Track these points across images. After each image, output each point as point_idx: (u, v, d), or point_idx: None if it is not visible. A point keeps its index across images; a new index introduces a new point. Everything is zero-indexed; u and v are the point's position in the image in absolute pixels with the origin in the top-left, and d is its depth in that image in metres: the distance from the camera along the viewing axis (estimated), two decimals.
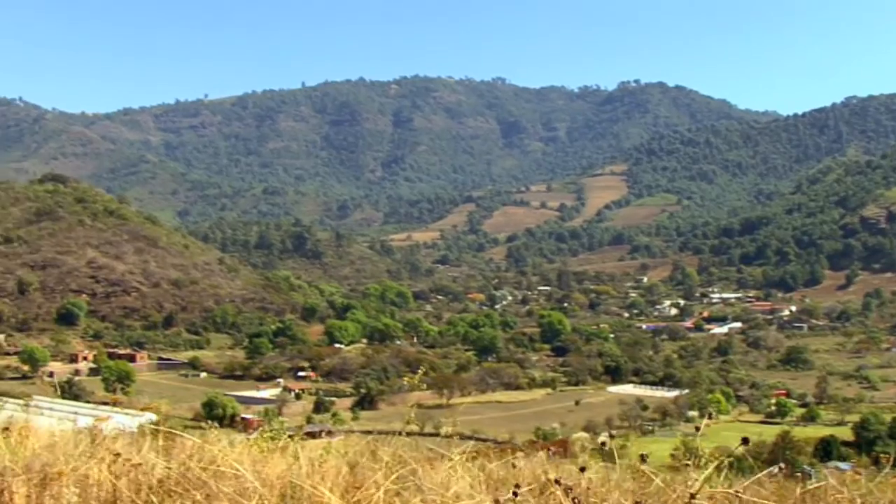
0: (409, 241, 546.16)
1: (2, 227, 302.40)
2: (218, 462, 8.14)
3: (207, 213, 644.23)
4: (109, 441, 10.02)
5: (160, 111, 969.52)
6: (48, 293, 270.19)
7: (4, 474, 7.54)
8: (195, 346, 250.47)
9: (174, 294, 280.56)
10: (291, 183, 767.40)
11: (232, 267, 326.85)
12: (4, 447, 8.89)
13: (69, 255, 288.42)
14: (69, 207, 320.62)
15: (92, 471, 7.84)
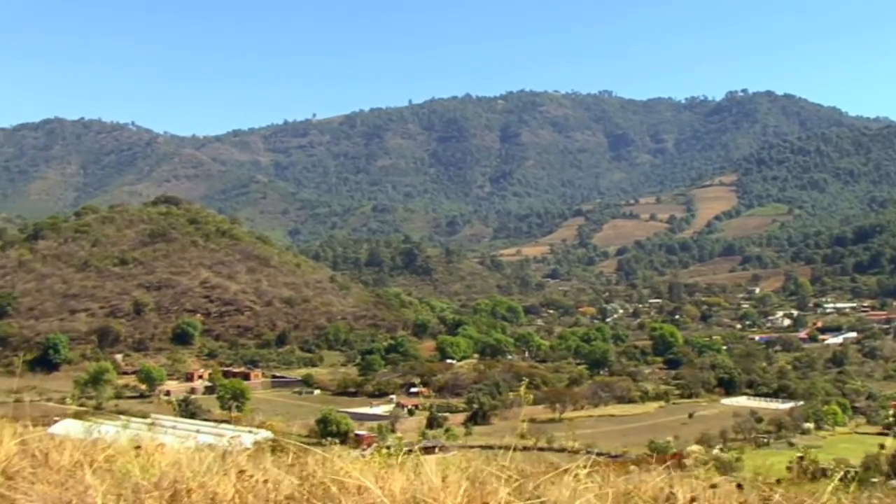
0: (518, 256, 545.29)
1: (118, 249, 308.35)
2: (341, 477, 7.89)
3: (318, 232, 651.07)
4: (236, 458, 9.83)
5: (269, 132, 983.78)
6: (163, 313, 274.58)
7: (137, 491, 7.49)
8: (308, 363, 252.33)
9: (287, 312, 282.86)
10: (400, 200, 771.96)
11: (343, 284, 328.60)
12: (135, 464, 8.79)
13: (183, 276, 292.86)
14: (182, 229, 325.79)
15: (220, 487, 7.74)
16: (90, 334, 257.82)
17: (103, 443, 10.76)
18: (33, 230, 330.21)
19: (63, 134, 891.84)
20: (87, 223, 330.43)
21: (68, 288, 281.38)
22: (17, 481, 7.96)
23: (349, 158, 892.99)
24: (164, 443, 11.09)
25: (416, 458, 9.15)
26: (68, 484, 7.90)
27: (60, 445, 10.20)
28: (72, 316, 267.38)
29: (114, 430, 12.82)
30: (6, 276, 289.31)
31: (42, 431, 12.09)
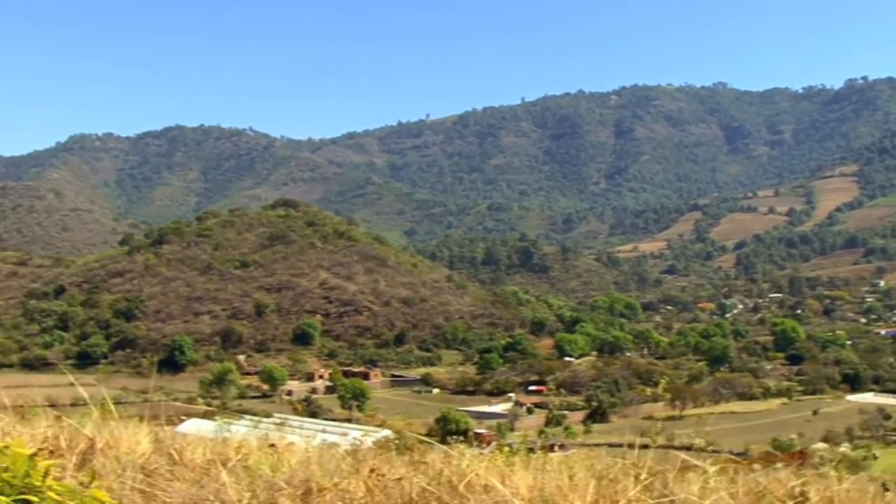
0: (635, 252, 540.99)
1: (238, 252, 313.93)
2: (467, 476, 7.91)
3: (434, 232, 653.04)
4: (366, 456, 10.00)
5: (383, 133, 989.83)
6: (284, 314, 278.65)
7: (270, 489, 7.65)
8: (427, 362, 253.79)
9: (405, 312, 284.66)
10: (515, 198, 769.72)
11: (460, 284, 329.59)
12: (267, 463, 9.00)
13: (302, 277, 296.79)
14: (300, 231, 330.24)
15: (351, 485, 7.85)
16: (214, 336, 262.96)
17: (234, 442, 11.11)
18: (158, 235, 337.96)
19: (184, 141, 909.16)
20: (209, 227, 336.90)
21: (192, 291, 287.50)
22: (155, 479, 8.17)
23: (463, 158, 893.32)
24: (294, 441, 11.47)
25: (542, 457, 9.23)
26: (203, 482, 8.16)
27: (193, 444, 10.51)
28: (196, 318, 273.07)
29: (243, 430, 13.12)
30: (133, 280, 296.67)
31: (171, 431, 12.81)
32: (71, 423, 10.35)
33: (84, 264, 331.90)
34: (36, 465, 4.63)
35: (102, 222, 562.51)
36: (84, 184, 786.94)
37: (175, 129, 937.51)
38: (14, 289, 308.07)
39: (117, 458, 8.96)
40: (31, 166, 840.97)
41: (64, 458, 8.11)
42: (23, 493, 4.50)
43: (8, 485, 4.51)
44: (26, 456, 4.65)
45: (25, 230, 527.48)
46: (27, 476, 4.55)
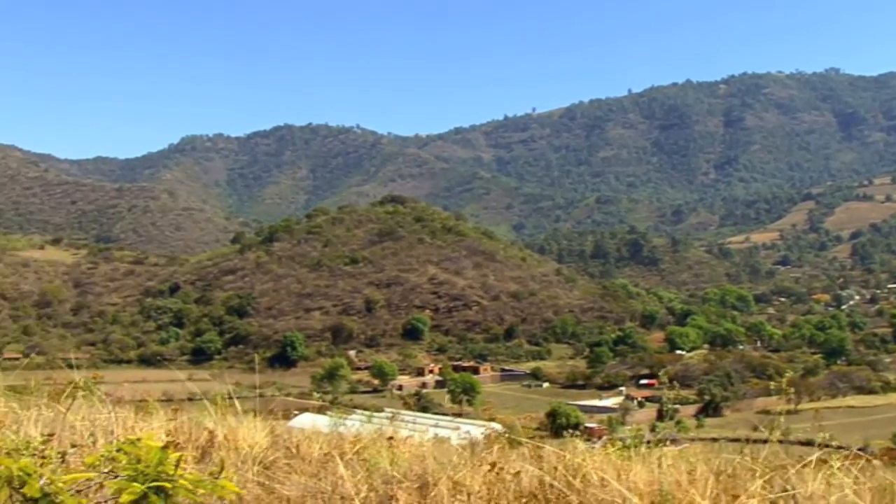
0: (747, 243, 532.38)
1: (348, 248, 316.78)
2: (582, 470, 7.82)
3: (542, 226, 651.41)
4: (483, 450, 10.01)
5: (490, 128, 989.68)
6: (393, 310, 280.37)
7: (388, 482, 7.71)
8: (536, 356, 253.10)
9: (514, 306, 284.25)
10: (624, 191, 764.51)
11: (569, 277, 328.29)
12: (384, 456, 9.07)
13: (411, 273, 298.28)
14: (409, 227, 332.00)
15: (468, 479, 7.85)
16: (324, 331, 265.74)
17: (349, 436, 11.32)
18: (268, 233, 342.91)
19: (293, 140, 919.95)
20: (319, 224, 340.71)
21: (303, 287, 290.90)
22: (273, 471, 8.31)
23: (570, 151, 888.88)
24: (410, 436, 11.53)
25: (660, 451, 9.10)
26: (321, 475, 8.24)
27: (309, 438, 10.71)
28: (307, 314, 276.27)
29: (356, 424, 13.32)
30: (245, 277, 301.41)
31: (284, 425, 12.74)
32: (191, 417, 10.75)
33: (197, 262, 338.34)
34: (167, 456, 4.80)
35: (214, 221, 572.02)
36: (196, 184, 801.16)
37: (284, 129, 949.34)
38: (131, 287, 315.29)
39: (236, 450, 9.20)
40: (145, 168, 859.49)
41: (185, 450, 7.88)
42: (155, 481, 4.65)
43: (142, 474, 4.67)
44: (158, 448, 4.81)
45: (141, 230, 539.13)
46: (160, 467, 4.71)
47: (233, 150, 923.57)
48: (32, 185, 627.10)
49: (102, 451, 5.04)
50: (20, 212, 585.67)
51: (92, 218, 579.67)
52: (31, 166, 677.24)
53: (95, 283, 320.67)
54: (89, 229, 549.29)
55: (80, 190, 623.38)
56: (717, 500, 7.18)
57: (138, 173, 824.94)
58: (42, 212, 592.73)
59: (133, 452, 4.82)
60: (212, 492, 4.92)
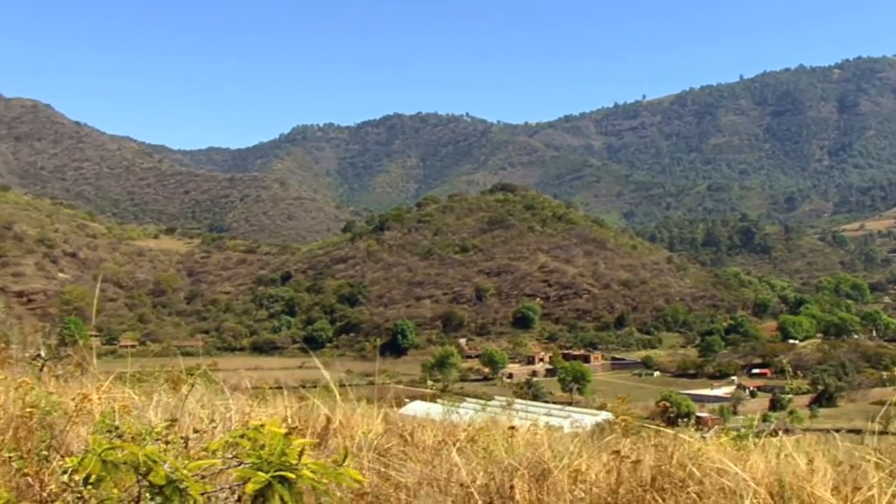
0: (862, 231, 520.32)
1: (458, 236, 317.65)
2: (699, 459, 7.78)
3: (652, 213, 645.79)
4: (596, 439, 10.00)
5: (600, 115, 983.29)
6: (504, 298, 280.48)
7: (505, 470, 7.68)
8: (647, 345, 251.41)
9: (624, 295, 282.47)
10: (735, 178, 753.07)
11: (680, 265, 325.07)
12: (500, 444, 9.13)
13: (521, 261, 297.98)
14: (519, 215, 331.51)
15: (582, 466, 7.85)
16: (435, 320, 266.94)
17: (463, 424, 11.35)
18: (379, 222, 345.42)
19: (402, 129, 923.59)
20: (429, 213, 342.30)
21: (413, 276, 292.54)
22: (388, 458, 8.31)
23: (681, 138, 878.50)
24: (524, 424, 11.34)
25: (775, 441, 9.06)
26: (435, 462, 8.29)
27: (423, 426, 10.80)
28: (417, 302, 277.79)
29: (468, 412, 13.38)
30: (356, 266, 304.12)
31: (395, 412, 12.80)
32: (306, 404, 10.84)
33: (309, 251, 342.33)
34: (290, 443, 4.78)
35: (325, 210, 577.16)
36: (307, 173, 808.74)
37: (393, 118, 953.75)
38: (243, 276, 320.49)
39: (351, 437, 9.25)
40: (257, 158, 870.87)
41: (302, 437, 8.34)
42: (280, 470, 4.64)
43: (266, 462, 4.67)
44: (281, 435, 4.80)
45: (253, 219, 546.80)
46: (283, 455, 4.70)
47: (343, 139, 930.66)
48: (147, 175, 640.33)
49: (226, 437, 5.07)
50: (135, 202, 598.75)
51: (205, 207, 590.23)
52: (146, 157, 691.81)
53: (209, 271, 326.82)
54: (202, 219, 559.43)
55: (194, 180, 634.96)
56: (838, 490, 7.10)
57: (250, 163, 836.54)
58: (156, 202, 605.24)
59: (256, 439, 4.82)
60: (335, 480, 4.90)
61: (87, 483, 4.71)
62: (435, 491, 7.44)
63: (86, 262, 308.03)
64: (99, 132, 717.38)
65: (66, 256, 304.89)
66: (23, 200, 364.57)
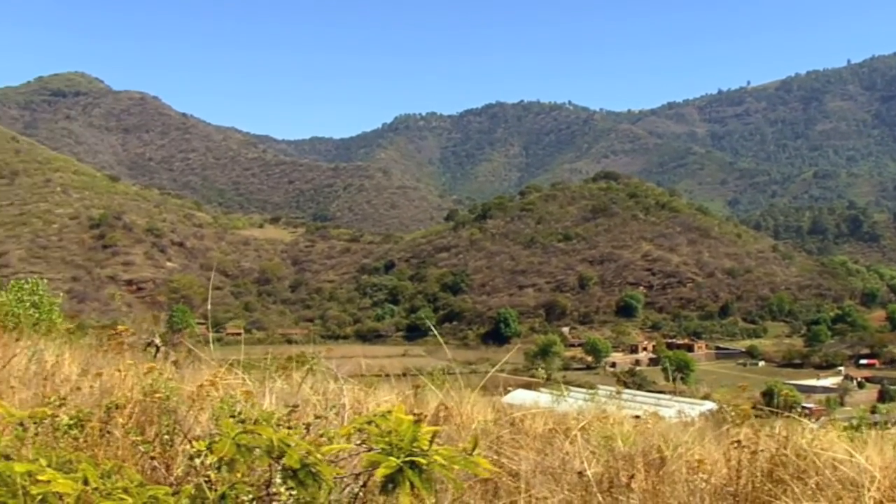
0: None
1: (561, 225, 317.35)
2: (813, 449, 7.69)
3: (757, 201, 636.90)
4: (709, 427, 10.18)
5: (703, 102, 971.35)
6: (607, 287, 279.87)
7: (621, 458, 7.83)
8: (752, 334, 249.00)
9: (729, 283, 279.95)
10: (843, 165, 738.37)
11: (786, 254, 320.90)
12: (609, 433, 9.18)
13: (624, 250, 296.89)
14: (622, 203, 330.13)
15: (695, 455, 7.99)
16: (538, 308, 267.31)
17: (573, 412, 11.56)
18: (482, 210, 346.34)
19: (504, 117, 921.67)
20: (532, 202, 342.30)
21: (516, 264, 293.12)
22: (500, 446, 8.37)
23: (787, 124, 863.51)
24: (636, 413, 11.72)
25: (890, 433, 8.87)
26: (547, 450, 8.45)
27: (533, 414, 10.89)
28: (520, 291, 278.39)
29: (575, 401, 13.74)
30: (459, 254, 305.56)
31: (499, 400, 13.21)
32: (416, 391, 11.29)
33: (412, 240, 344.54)
34: (420, 430, 4.81)
35: (428, 199, 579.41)
36: (410, 162, 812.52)
37: (496, 106, 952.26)
38: (347, 264, 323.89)
39: (461, 425, 9.59)
40: (360, 147, 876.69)
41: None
42: (411, 456, 4.67)
43: (396, 448, 4.70)
44: (410, 421, 4.84)
45: (356, 208, 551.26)
46: (414, 441, 4.73)
47: (446, 128, 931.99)
48: (252, 165, 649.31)
49: (354, 422, 5.16)
50: (240, 192, 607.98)
51: (309, 197, 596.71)
52: (251, 147, 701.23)
53: (313, 260, 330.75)
54: (306, 208, 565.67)
55: (298, 170, 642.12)
56: None
57: (353, 153, 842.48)
58: (261, 191, 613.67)
59: (384, 425, 4.88)
60: (465, 468, 4.89)
61: (220, 467, 4.79)
62: (549, 479, 7.50)
63: (193, 251, 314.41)
64: (205, 123, 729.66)
65: (173, 246, 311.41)
66: (132, 191, 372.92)
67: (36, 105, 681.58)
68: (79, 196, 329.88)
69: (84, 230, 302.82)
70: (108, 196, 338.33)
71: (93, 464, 4.38)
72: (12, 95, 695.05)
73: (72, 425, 6.62)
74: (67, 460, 4.57)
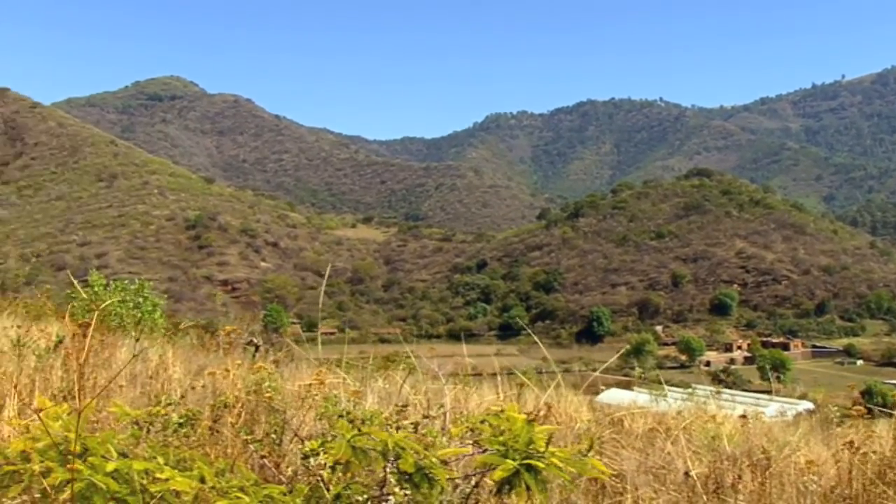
0: None
1: (653, 223, 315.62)
2: None
3: (854, 197, 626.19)
4: (814, 428, 10.30)
5: (797, 97, 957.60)
6: (700, 285, 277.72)
7: (726, 459, 7.75)
8: (849, 333, 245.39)
9: (825, 281, 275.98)
10: None
11: (884, 250, 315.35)
12: (711, 433, 9.08)
13: (718, 247, 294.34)
14: (715, 200, 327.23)
15: (805, 458, 7.91)
16: (630, 307, 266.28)
17: (672, 411, 11.62)
18: (574, 209, 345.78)
19: (595, 115, 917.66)
20: (624, 199, 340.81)
21: (608, 263, 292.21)
22: (601, 446, 8.27)
23: (883, 118, 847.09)
24: (737, 413, 11.38)
25: None
26: (648, 450, 8.43)
27: (631, 413, 10.92)
28: (612, 289, 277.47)
29: (677, 400, 13.78)
30: (551, 253, 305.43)
31: (591, 399, 13.23)
32: (515, 391, 11.24)
33: (504, 239, 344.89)
34: (534, 430, 4.76)
35: (520, 198, 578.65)
36: (501, 161, 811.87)
37: (587, 104, 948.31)
38: (439, 264, 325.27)
39: (563, 424, 9.55)
40: (451, 147, 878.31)
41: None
42: (527, 458, 4.61)
43: (512, 450, 4.66)
44: (524, 421, 4.79)
45: (448, 208, 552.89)
46: (531, 442, 4.68)
47: (536, 126, 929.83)
48: (344, 166, 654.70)
49: (466, 423, 5.19)
50: (333, 192, 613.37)
51: (400, 197, 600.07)
52: (343, 148, 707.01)
53: (405, 260, 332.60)
54: (398, 208, 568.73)
55: (389, 170, 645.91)
56: None
57: (444, 152, 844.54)
58: (353, 192, 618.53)
59: (497, 425, 4.85)
60: (580, 470, 4.82)
61: (334, 468, 4.84)
62: (652, 479, 7.49)
63: (286, 251, 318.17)
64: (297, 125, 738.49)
65: (267, 246, 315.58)
66: (226, 192, 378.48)
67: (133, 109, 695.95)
68: (175, 198, 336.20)
69: (180, 231, 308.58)
70: (204, 197, 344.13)
71: (207, 462, 4.43)
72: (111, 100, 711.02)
73: (182, 424, 6.88)
74: (182, 458, 4.63)
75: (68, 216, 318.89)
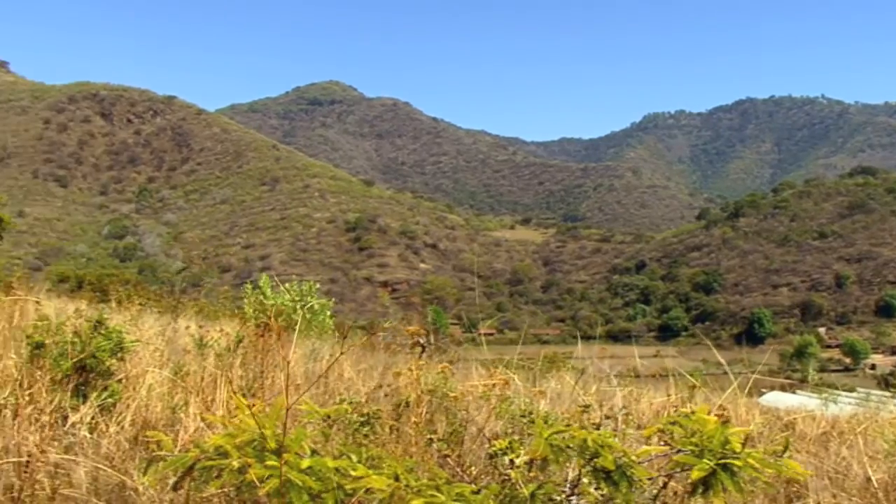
0: None
1: (816, 222, 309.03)
2: None
3: None
4: None
5: None
6: (865, 286, 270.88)
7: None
8: None
9: None
10: None
11: None
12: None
13: (884, 247, 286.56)
14: (881, 199, 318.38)
15: None
16: (792, 308, 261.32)
17: (845, 415, 11.43)
18: (734, 208, 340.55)
19: (755, 113, 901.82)
20: (785, 199, 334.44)
21: (769, 263, 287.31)
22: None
23: None
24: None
25: None
26: (821, 454, 8.37)
27: (803, 417, 10.95)
28: (774, 290, 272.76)
29: (846, 405, 13.64)
30: (711, 253, 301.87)
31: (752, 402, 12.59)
32: (684, 393, 11.00)
33: (662, 239, 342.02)
34: (729, 431, 4.76)
35: (678, 198, 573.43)
36: (659, 161, 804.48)
37: (746, 102, 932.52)
38: (598, 264, 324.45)
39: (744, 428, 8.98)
40: (608, 147, 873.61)
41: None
42: (723, 458, 4.64)
43: (707, 450, 4.67)
44: (717, 423, 4.80)
45: (606, 208, 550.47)
46: (726, 443, 4.70)
47: (695, 125, 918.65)
48: (502, 167, 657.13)
49: (658, 424, 5.19)
50: (491, 193, 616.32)
51: (558, 198, 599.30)
52: (500, 150, 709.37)
53: (563, 261, 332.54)
54: (556, 209, 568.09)
55: (547, 171, 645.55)
56: None
57: (602, 152, 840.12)
58: (511, 193, 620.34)
59: (688, 426, 4.88)
60: (778, 472, 4.80)
61: (531, 466, 4.86)
62: (829, 484, 7.37)
63: (445, 252, 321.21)
64: (455, 127, 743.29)
65: (426, 247, 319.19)
66: (386, 195, 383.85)
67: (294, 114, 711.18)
68: (335, 200, 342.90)
69: (341, 233, 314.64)
70: (363, 200, 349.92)
71: (398, 461, 4.56)
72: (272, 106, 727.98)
73: (363, 422, 7.08)
74: (371, 456, 4.86)
75: (232, 219, 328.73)
